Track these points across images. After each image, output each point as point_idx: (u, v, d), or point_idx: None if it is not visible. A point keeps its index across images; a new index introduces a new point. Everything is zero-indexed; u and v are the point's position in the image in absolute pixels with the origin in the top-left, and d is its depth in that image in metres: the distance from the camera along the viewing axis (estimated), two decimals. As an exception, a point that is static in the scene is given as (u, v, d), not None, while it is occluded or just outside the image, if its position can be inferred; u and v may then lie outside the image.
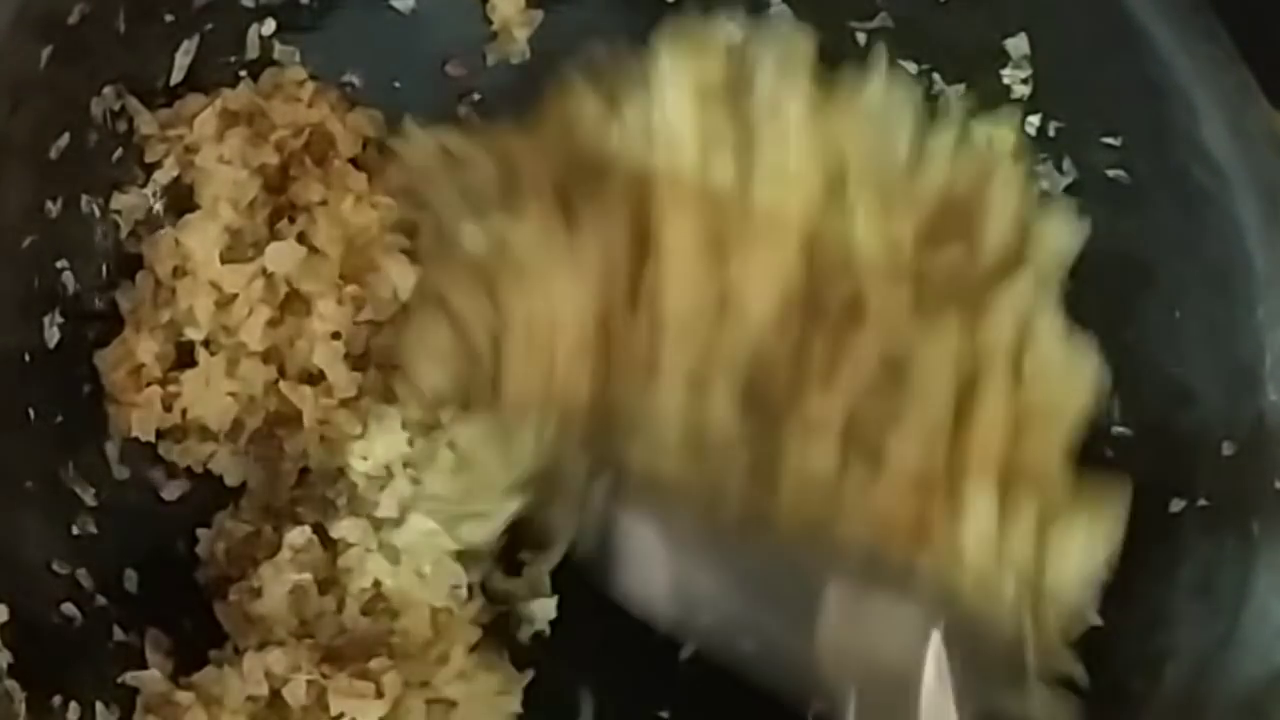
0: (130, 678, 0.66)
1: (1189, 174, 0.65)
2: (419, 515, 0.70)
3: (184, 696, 0.66)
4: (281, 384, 0.70)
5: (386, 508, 0.70)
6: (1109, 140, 0.68)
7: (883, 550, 0.65)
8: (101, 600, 0.68)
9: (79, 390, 0.70)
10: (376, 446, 0.70)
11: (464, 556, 0.70)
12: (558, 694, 0.73)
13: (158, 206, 0.71)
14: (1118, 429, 0.70)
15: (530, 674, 0.72)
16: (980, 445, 0.67)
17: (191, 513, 0.72)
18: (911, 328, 0.69)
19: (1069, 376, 0.69)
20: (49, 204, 0.67)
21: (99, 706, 0.65)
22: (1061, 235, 0.70)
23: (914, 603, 0.62)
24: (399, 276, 0.70)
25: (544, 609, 0.73)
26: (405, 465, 0.70)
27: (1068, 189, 0.71)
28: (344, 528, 0.70)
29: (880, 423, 0.68)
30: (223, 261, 0.69)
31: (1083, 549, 0.67)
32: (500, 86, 0.76)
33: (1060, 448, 0.68)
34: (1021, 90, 0.71)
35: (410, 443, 0.70)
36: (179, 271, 0.70)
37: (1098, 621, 0.70)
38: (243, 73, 0.72)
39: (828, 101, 0.71)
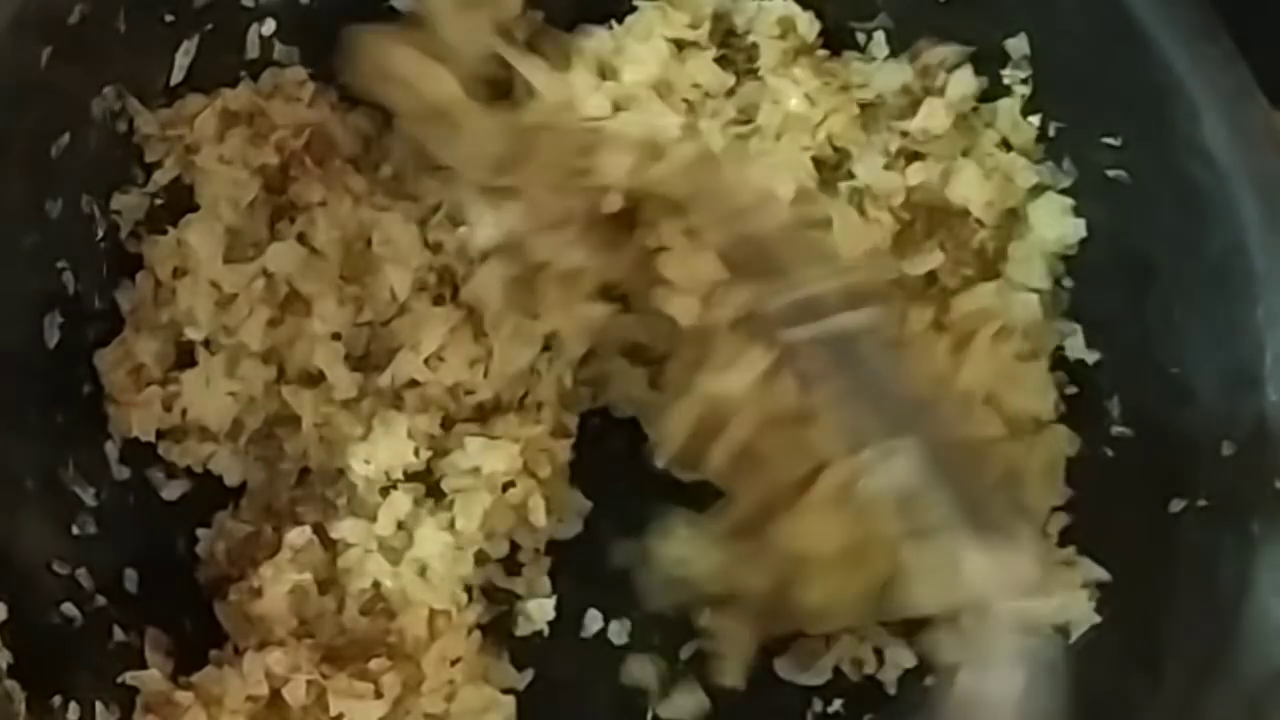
0: (130, 677, 0.66)
1: (1189, 174, 0.65)
2: (433, 525, 0.70)
3: (184, 696, 0.66)
4: (282, 386, 0.70)
5: (384, 524, 0.70)
6: (1109, 140, 0.68)
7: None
8: (101, 600, 0.68)
9: (79, 390, 0.70)
10: (380, 451, 0.70)
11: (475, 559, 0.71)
12: (558, 694, 0.73)
13: (158, 206, 0.71)
14: (1118, 429, 0.70)
15: (530, 674, 0.73)
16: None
17: (191, 513, 0.72)
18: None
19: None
20: (49, 204, 0.67)
21: (99, 706, 0.65)
22: (1055, 225, 0.71)
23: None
24: (397, 279, 0.70)
25: (544, 609, 0.73)
26: (408, 477, 0.71)
27: (1068, 189, 0.71)
28: (344, 528, 0.70)
29: None
30: (223, 261, 0.69)
31: None
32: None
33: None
34: (1021, 90, 0.71)
35: (416, 453, 0.70)
36: (179, 271, 0.70)
37: (1097, 621, 0.70)
38: (243, 73, 0.72)
39: (826, 88, 0.71)
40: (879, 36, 0.73)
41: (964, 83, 0.72)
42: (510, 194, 0.70)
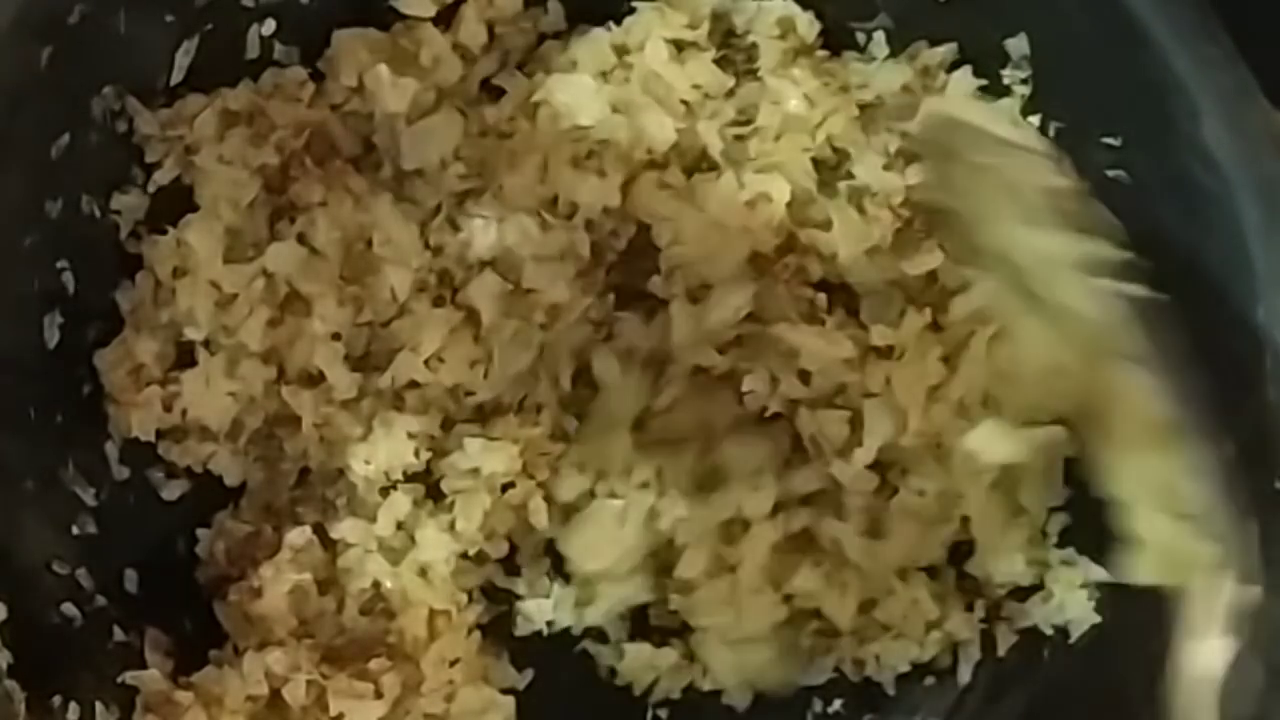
0: (130, 677, 0.67)
1: (1189, 174, 0.65)
2: (433, 525, 0.70)
3: (184, 696, 0.66)
4: (282, 387, 0.70)
5: (384, 525, 0.70)
6: (1109, 140, 0.68)
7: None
8: (101, 600, 0.68)
9: (79, 390, 0.70)
10: (380, 452, 0.70)
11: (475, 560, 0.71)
12: (558, 694, 0.73)
13: (157, 206, 0.71)
14: (1118, 429, 0.70)
15: (530, 674, 0.73)
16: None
17: (191, 513, 0.72)
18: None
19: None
20: (49, 204, 0.66)
21: (99, 706, 0.65)
22: None
23: None
24: (398, 279, 0.70)
25: (543, 609, 0.73)
26: (408, 477, 0.71)
27: (1067, 189, 0.71)
28: (344, 528, 0.70)
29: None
30: (223, 262, 0.69)
31: None
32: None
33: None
34: (1021, 90, 0.71)
35: (416, 453, 0.70)
36: (179, 271, 0.70)
37: (1097, 621, 0.70)
38: (243, 73, 0.72)
39: (825, 89, 0.71)
40: (879, 36, 0.73)
41: (964, 83, 0.72)
42: (500, 207, 0.71)
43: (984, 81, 0.72)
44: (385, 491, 0.71)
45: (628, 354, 0.72)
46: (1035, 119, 0.71)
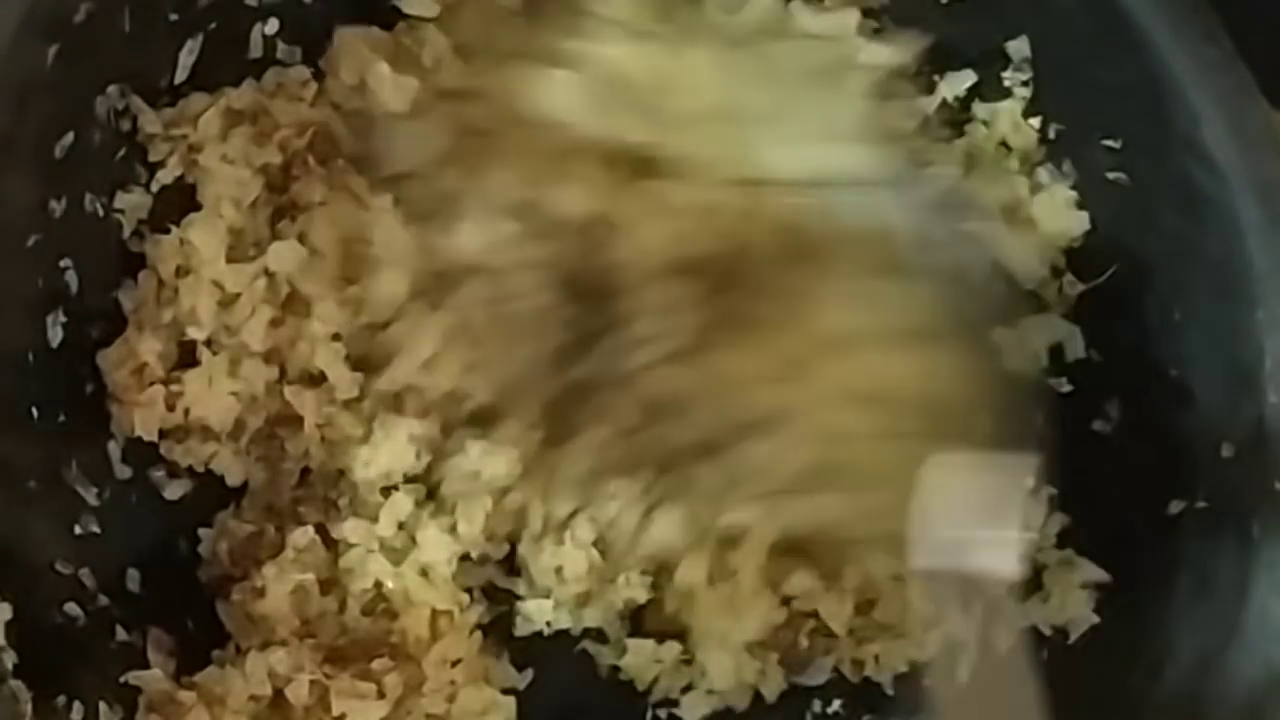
0: (133, 677, 0.66)
1: (1189, 175, 0.65)
2: (434, 526, 0.70)
3: (186, 696, 0.66)
4: (284, 387, 0.70)
5: (385, 525, 0.70)
6: (1109, 142, 0.68)
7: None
8: (104, 600, 0.68)
9: (81, 390, 0.70)
10: (381, 455, 0.70)
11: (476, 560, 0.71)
12: (558, 694, 0.73)
13: (161, 205, 0.71)
14: (1118, 429, 0.70)
15: (530, 674, 0.73)
16: None
17: (194, 512, 0.72)
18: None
19: None
20: (53, 203, 0.66)
21: (102, 706, 0.65)
22: (1058, 219, 0.71)
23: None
24: (395, 281, 0.70)
25: (543, 609, 0.73)
26: (409, 480, 0.71)
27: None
28: (346, 528, 0.70)
29: None
30: (225, 261, 0.69)
31: None
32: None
33: None
34: (1022, 92, 0.71)
35: (417, 456, 0.70)
36: (181, 271, 0.70)
37: (1097, 621, 0.70)
38: (246, 72, 0.72)
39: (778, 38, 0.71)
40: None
41: (964, 83, 0.72)
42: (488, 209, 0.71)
43: (984, 81, 0.72)
44: (386, 492, 0.71)
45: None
46: (1036, 121, 0.71)
